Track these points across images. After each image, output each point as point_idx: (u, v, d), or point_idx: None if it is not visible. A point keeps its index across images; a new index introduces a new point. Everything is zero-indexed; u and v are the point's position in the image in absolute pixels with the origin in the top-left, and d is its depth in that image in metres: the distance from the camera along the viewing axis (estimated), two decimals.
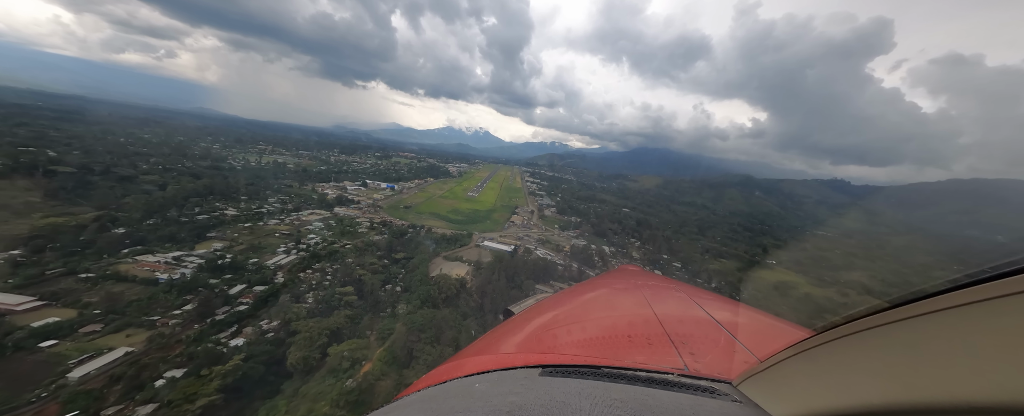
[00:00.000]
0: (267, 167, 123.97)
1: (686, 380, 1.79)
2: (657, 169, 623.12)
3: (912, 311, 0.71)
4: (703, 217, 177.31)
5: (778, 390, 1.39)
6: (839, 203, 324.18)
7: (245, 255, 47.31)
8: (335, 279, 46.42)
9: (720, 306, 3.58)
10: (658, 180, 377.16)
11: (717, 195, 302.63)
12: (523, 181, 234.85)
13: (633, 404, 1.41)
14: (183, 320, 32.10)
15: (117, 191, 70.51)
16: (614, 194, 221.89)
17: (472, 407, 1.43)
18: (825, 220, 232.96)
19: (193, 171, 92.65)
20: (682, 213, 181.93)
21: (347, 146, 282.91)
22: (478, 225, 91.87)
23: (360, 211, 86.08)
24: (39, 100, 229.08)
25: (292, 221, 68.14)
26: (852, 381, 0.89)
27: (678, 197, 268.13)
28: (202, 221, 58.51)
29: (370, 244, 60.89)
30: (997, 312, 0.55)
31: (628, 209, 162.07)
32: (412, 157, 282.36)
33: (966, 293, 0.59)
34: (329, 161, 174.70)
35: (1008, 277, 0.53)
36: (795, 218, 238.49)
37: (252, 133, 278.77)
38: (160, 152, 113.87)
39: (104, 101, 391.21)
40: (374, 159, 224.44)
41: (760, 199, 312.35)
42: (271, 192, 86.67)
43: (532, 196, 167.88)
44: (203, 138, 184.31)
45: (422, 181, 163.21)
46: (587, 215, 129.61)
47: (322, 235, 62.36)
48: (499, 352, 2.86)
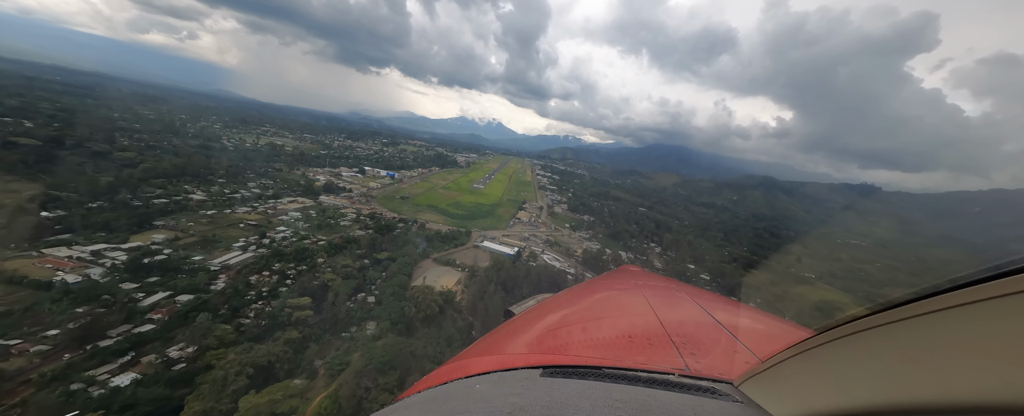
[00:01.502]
0: (261, 149, 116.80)
1: (687, 380, 1.78)
2: (673, 167, 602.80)
3: (912, 311, 0.70)
4: (725, 220, 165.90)
5: (779, 390, 1.39)
6: (869, 210, 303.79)
7: (188, 251, 39.23)
8: (294, 286, 37.89)
9: (721, 306, 3.51)
10: (675, 178, 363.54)
11: (738, 196, 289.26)
12: (533, 174, 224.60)
13: (634, 405, 1.42)
14: (54, 345, 23.85)
15: (86, 167, 63.65)
16: (629, 191, 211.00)
17: (473, 408, 1.44)
18: (854, 227, 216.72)
19: (178, 149, 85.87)
20: (702, 215, 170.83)
21: (354, 131, 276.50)
22: (480, 221, 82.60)
23: (349, 200, 77.72)
24: (58, 75, 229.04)
25: (266, 209, 60.07)
26: (853, 381, 0.88)
27: (696, 197, 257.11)
28: (157, 206, 50.73)
29: (349, 241, 52.26)
30: (997, 312, 0.54)
31: (645, 208, 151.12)
32: (420, 145, 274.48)
33: (966, 293, 0.59)
34: (331, 146, 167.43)
35: (1008, 277, 0.53)
36: (822, 223, 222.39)
37: (261, 115, 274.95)
38: (150, 129, 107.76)
39: (124, 79, 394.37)
40: (380, 145, 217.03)
41: (784, 202, 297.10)
42: (254, 176, 78.97)
43: (542, 191, 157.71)
44: (207, 117, 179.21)
45: (426, 170, 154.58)
46: (600, 213, 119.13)
47: (296, 227, 54.05)
48: (500, 353, 2.86)
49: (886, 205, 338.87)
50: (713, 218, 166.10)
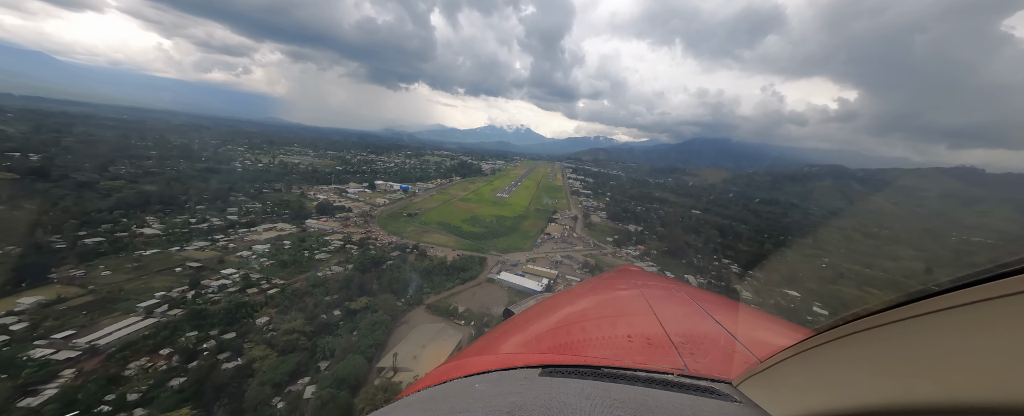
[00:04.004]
0: (272, 169, 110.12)
1: (686, 380, 1.78)
2: (715, 161, 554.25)
3: (912, 311, 0.70)
4: (800, 220, 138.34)
5: (778, 390, 1.38)
6: (974, 196, 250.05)
7: (63, 319, 27.32)
8: (195, 374, 24.16)
9: (720, 306, 3.55)
10: (723, 173, 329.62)
11: (803, 190, 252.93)
12: (564, 178, 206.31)
13: (633, 404, 1.41)
14: None
15: (51, 197, 56.53)
16: (673, 191, 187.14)
17: (472, 407, 1.42)
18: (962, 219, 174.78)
19: (177, 175, 79.66)
20: (768, 215, 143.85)
21: (381, 146, 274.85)
22: (500, 241, 66.94)
23: (343, 223, 65.50)
24: (125, 114, 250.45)
25: (229, 243, 48.50)
26: (852, 381, 0.88)
27: (752, 193, 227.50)
28: (85, 247, 40.24)
29: (316, 284, 38.64)
30: (997, 312, 0.54)
31: (698, 211, 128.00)
32: (445, 155, 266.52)
33: (966, 293, 0.59)
34: (350, 161, 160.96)
35: (1008, 277, 0.53)
36: (919, 218, 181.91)
37: (295, 136, 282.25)
38: (164, 155, 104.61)
39: (188, 114, 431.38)
40: (403, 158, 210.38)
41: (861, 193, 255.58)
42: (244, 199, 69.36)
43: (575, 196, 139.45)
44: (237, 141, 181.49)
45: (446, 180, 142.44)
46: (649, 221, 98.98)
47: (251, 267, 41.54)
48: (499, 352, 2.86)
49: (996, 190, 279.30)
50: (782, 218, 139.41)
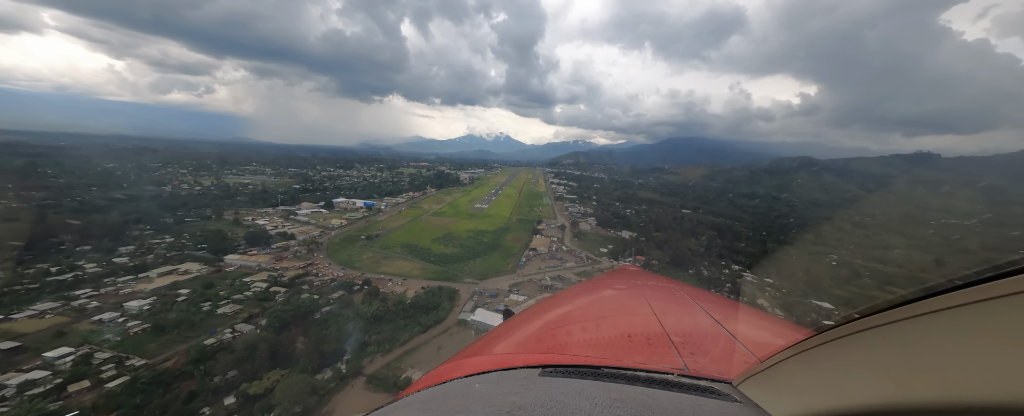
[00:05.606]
0: (209, 192, 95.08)
1: (686, 380, 1.79)
2: (693, 159, 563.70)
3: (912, 311, 0.71)
4: (788, 213, 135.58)
5: (778, 390, 1.38)
6: (936, 179, 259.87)
7: None
8: None
9: (720, 306, 3.56)
10: (702, 170, 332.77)
11: (780, 183, 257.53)
12: (547, 184, 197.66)
13: (633, 404, 1.41)
14: None
15: None
16: (657, 191, 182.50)
17: (472, 407, 1.42)
18: (929, 202, 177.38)
19: (75, 204, 64.91)
20: (755, 209, 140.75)
21: (349, 160, 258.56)
22: (477, 263, 55.85)
23: (280, 254, 52.81)
24: (62, 141, 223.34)
25: (99, 297, 35.32)
26: (852, 381, 0.88)
27: (733, 188, 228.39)
28: None
29: (200, 360, 26.46)
30: (997, 312, 0.54)
31: (688, 210, 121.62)
32: (421, 166, 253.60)
33: (966, 293, 0.59)
34: (311, 178, 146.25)
35: (1008, 277, 0.52)
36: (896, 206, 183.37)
37: (259, 155, 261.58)
38: (79, 183, 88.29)
39: (145, 138, 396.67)
40: (374, 171, 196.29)
41: (834, 183, 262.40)
42: (152, 231, 55.49)
43: (560, 202, 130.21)
44: (182, 163, 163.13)
45: (419, 193, 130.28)
46: (641, 225, 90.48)
47: (112, 337, 28.84)
48: (498, 352, 2.87)
49: (954, 173, 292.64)
50: (770, 212, 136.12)
